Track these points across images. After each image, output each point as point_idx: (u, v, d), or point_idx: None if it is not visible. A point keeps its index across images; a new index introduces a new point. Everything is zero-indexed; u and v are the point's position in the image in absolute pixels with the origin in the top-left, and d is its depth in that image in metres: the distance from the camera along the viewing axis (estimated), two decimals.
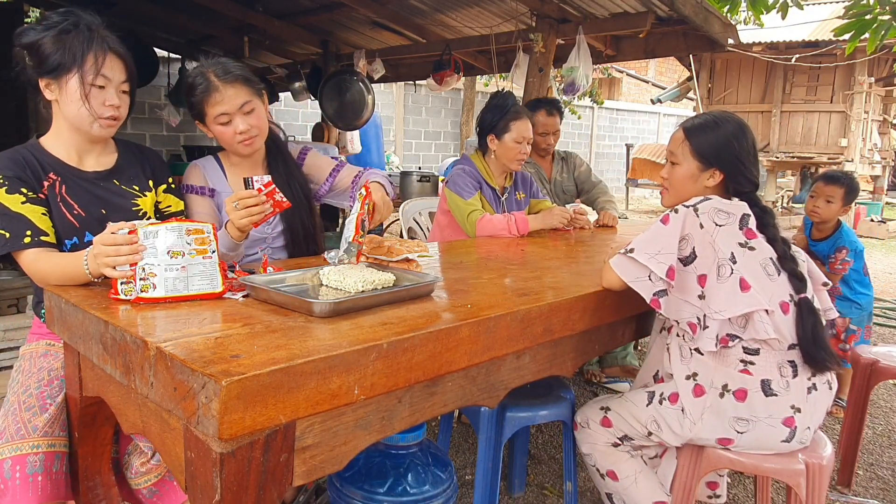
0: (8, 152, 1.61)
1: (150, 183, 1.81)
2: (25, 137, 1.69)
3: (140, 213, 1.75)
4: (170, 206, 1.85)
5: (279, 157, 2.09)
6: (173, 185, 1.87)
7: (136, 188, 1.77)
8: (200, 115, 1.91)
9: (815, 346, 1.62)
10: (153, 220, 1.46)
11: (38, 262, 1.52)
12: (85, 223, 1.64)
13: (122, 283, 1.38)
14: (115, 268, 1.37)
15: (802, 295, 1.66)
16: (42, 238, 1.55)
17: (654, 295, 1.64)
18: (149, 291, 1.37)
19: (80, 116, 1.59)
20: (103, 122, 1.62)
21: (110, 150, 1.76)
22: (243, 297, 1.46)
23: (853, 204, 3.17)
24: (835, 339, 3.02)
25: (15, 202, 1.54)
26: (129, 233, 1.39)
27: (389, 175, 5.45)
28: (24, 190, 1.57)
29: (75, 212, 1.63)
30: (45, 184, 1.61)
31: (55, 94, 1.59)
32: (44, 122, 1.70)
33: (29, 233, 1.53)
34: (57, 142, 1.67)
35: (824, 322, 1.69)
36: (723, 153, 1.77)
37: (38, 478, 1.45)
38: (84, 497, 1.59)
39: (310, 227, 2.12)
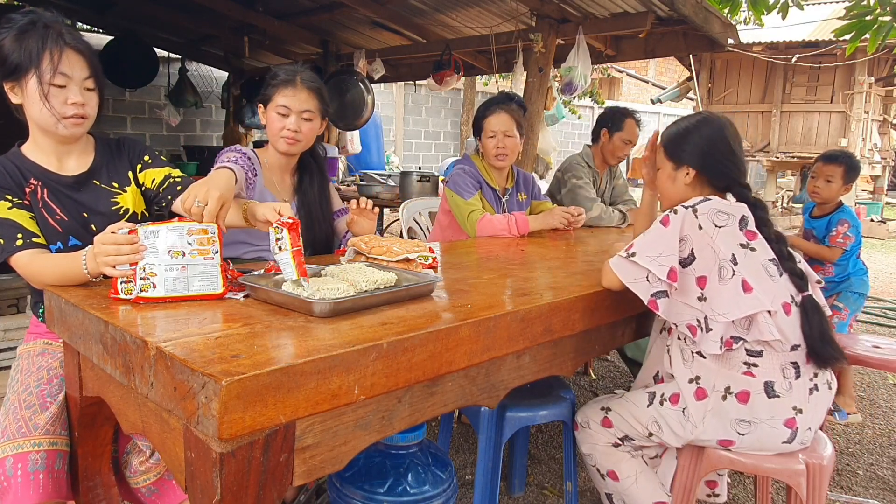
0: None
1: (130, 175, 1.77)
2: (12, 144, 1.67)
3: (121, 212, 1.72)
4: (154, 179, 1.78)
5: (315, 170, 2.20)
6: (149, 161, 1.81)
7: (116, 185, 1.73)
8: (267, 99, 2.05)
9: (823, 343, 1.62)
10: (153, 220, 1.45)
11: (32, 263, 1.51)
12: (68, 228, 1.63)
13: (122, 283, 1.38)
14: (115, 267, 1.37)
15: (805, 293, 1.66)
16: (34, 240, 1.54)
17: (651, 296, 1.64)
18: (149, 291, 1.37)
19: (44, 117, 1.55)
20: (68, 122, 1.57)
21: (89, 149, 1.73)
22: (244, 297, 1.46)
23: (855, 183, 3.16)
24: None
25: (2, 209, 1.54)
26: (130, 232, 1.39)
27: (389, 175, 5.48)
28: (8, 196, 1.56)
29: (57, 217, 1.62)
30: (28, 190, 1.60)
31: (19, 96, 1.56)
32: (24, 128, 1.66)
33: (20, 236, 1.53)
34: (35, 147, 1.65)
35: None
36: (686, 148, 1.81)
37: (40, 476, 1.45)
38: (84, 497, 1.59)
39: (330, 240, 2.25)
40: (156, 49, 6.53)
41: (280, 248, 1.45)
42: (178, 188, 1.77)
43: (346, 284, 1.41)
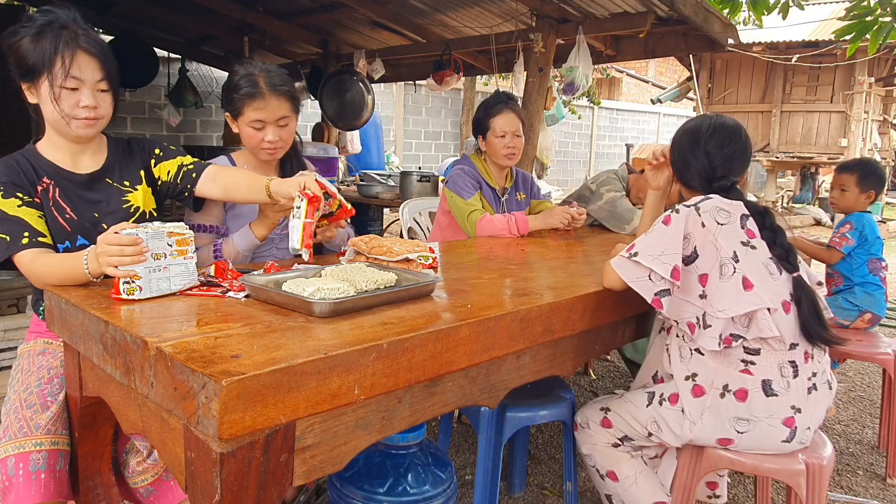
0: (2, 159, 1.61)
1: (142, 173, 1.79)
2: (27, 142, 1.69)
3: (131, 210, 1.73)
4: (170, 171, 1.81)
5: (297, 165, 2.15)
6: (161, 154, 1.83)
7: (127, 183, 1.75)
8: (235, 112, 1.97)
9: (817, 320, 1.64)
10: (137, 224, 1.46)
11: (35, 262, 1.52)
12: (77, 227, 1.64)
13: (124, 283, 1.39)
14: (117, 267, 1.38)
15: (795, 273, 1.68)
16: (40, 239, 1.55)
17: (655, 295, 1.64)
18: (134, 294, 1.40)
19: (56, 119, 1.57)
20: (80, 123, 1.58)
21: (102, 148, 1.75)
22: (244, 297, 1.46)
23: (877, 192, 3.10)
24: None
25: (11, 206, 1.54)
26: None
27: (389, 175, 5.48)
28: (19, 194, 1.57)
29: (67, 216, 1.63)
30: (39, 188, 1.61)
31: (35, 97, 1.57)
32: (38, 126, 1.67)
33: (27, 234, 1.53)
34: (49, 145, 1.66)
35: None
36: (675, 160, 1.89)
37: (42, 475, 1.45)
38: (84, 497, 1.59)
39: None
40: (156, 49, 6.53)
41: (295, 217, 1.60)
42: (193, 175, 1.80)
43: (346, 284, 1.41)
